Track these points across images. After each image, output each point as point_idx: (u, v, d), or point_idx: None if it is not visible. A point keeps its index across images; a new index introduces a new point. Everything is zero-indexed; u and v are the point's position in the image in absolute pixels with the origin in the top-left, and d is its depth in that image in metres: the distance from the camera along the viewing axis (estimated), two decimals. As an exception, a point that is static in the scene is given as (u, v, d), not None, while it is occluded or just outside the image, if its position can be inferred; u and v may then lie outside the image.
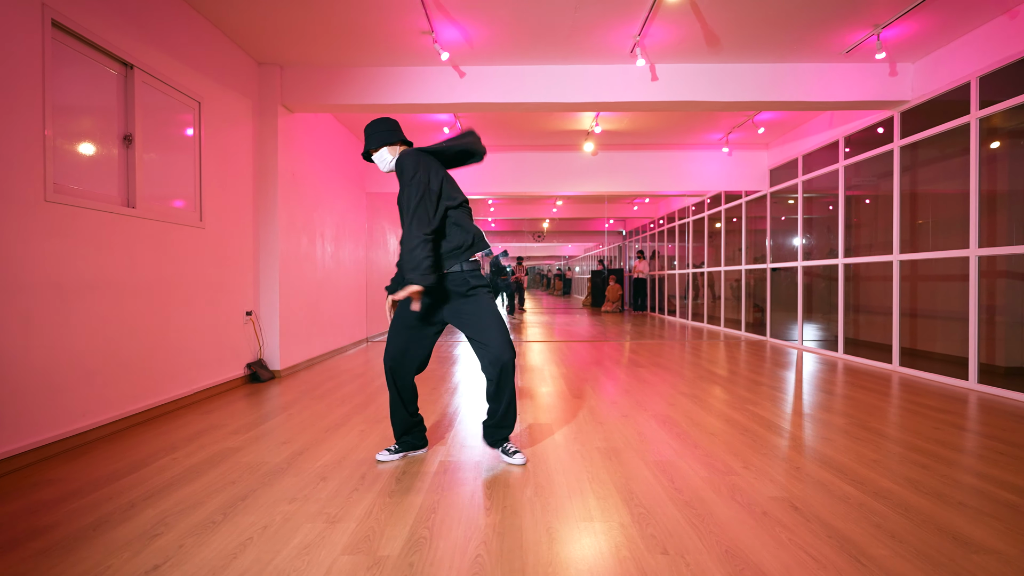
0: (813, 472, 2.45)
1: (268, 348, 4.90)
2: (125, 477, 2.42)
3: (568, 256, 32.73)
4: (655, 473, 2.44)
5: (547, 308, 17.22)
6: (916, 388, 4.36)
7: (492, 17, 4.10)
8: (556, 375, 4.97)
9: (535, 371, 5.19)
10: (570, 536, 1.85)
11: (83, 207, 2.92)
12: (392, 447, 2.68)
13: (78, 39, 2.95)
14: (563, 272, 32.82)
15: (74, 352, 2.86)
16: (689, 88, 4.97)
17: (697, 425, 3.24)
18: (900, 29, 4.35)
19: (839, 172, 6.08)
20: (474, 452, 2.76)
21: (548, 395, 4.12)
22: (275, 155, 4.89)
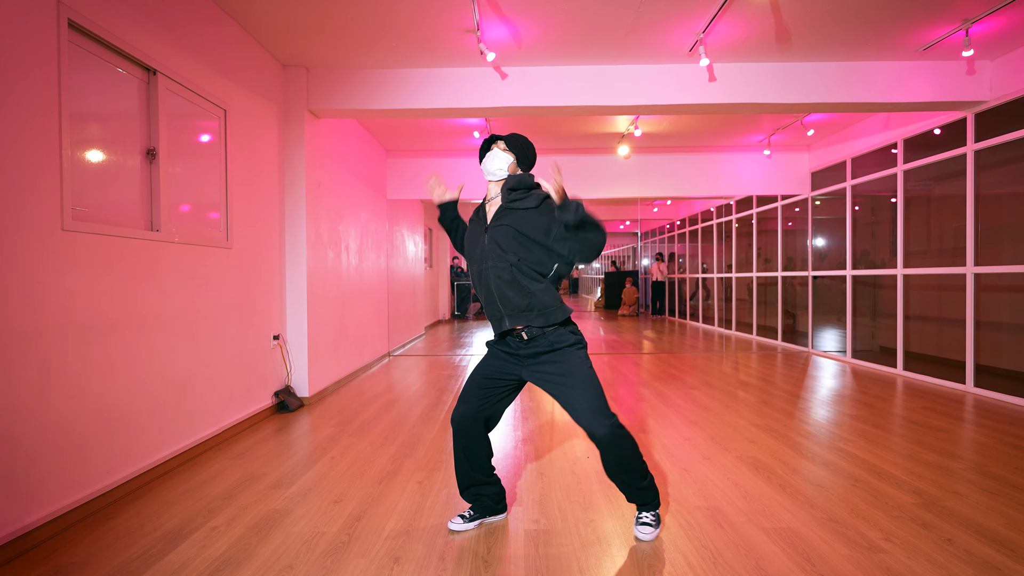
0: (970, 546, 2.08)
1: (296, 373, 4.53)
2: (162, 558, 2.05)
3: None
4: (783, 549, 2.07)
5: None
6: (1002, 415, 3.99)
7: (546, 12, 3.72)
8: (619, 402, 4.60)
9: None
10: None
11: (104, 234, 2.55)
12: (466, 513, 2.31)
13: (97, 41, 2.58)
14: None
15: (96, 401, 2.49)
16: (749, 90, 4.60)
17: (796, 472, 2.88)
18: (986, 24, 3.97)
19: (898, 176, 5.70)
20: (558, 516, 2.39)
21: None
22: (302, 165, 4.52)
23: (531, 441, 3.50)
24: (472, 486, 2.28)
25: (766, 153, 7.32)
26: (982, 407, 4.25)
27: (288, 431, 3.78)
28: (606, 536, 2.20)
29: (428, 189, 2.36)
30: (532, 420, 3.99)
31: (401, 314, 8.19)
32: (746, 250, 9.33)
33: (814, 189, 7.40)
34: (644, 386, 5.20)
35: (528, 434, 3.64)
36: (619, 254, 21.20)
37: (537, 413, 4.18)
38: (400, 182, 7.55)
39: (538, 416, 4.09)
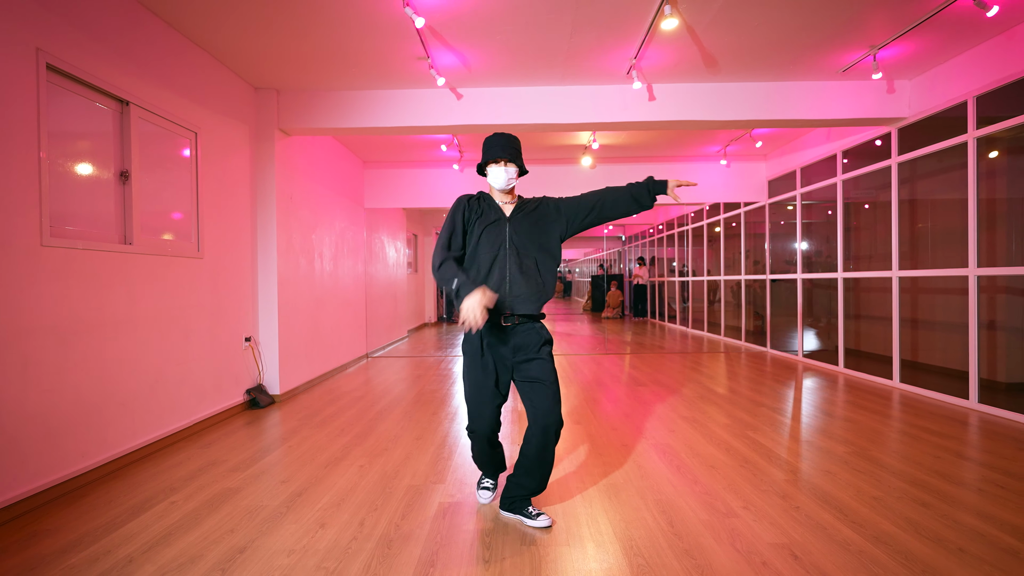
0: (813, 513, 2.44)
1: (268, 372, 4.90)
2: (124, 526, 2.41)
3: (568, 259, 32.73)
4: (655, 515, 2.44)
5: (548, 314, 17.16)
6: (917, 408, 4.35)
7: (488, 44, 4.10)
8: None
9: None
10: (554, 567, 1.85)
11: (80, 248, 2.92)
12: (488, 484, 2.65)
13: (73, 80, 2.95)
14: (563, 275, 32.86)
15: (72, 395, 2.86)
16: (686, 108, 4.97)
17: (697, 456, 3.24)
18: (897, 48, 4.34)
19: (837, 185, 6.08)
20: (474, 492, 2.75)
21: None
22: (272, 179, 4.89)
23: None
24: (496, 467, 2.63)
25: (723, 163, 7.69)
26: (905, 401, 4.60)
27: (256, 425, 4.13)
28: (505, 514, 2.56)
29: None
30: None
31: (381, 317, 8.55)
32: (716, 254, 9.70)
33: (771, 196, 7.77)
34: (596, 384, 5.55)
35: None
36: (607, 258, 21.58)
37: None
38: (378, 191, 7.93)
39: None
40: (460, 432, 3.83)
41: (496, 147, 2.38)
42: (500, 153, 2.36)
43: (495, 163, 2.38)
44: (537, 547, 2.17)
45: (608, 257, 20.86)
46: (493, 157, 2.37)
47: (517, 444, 3.51)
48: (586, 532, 2.29)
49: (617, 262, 19.67)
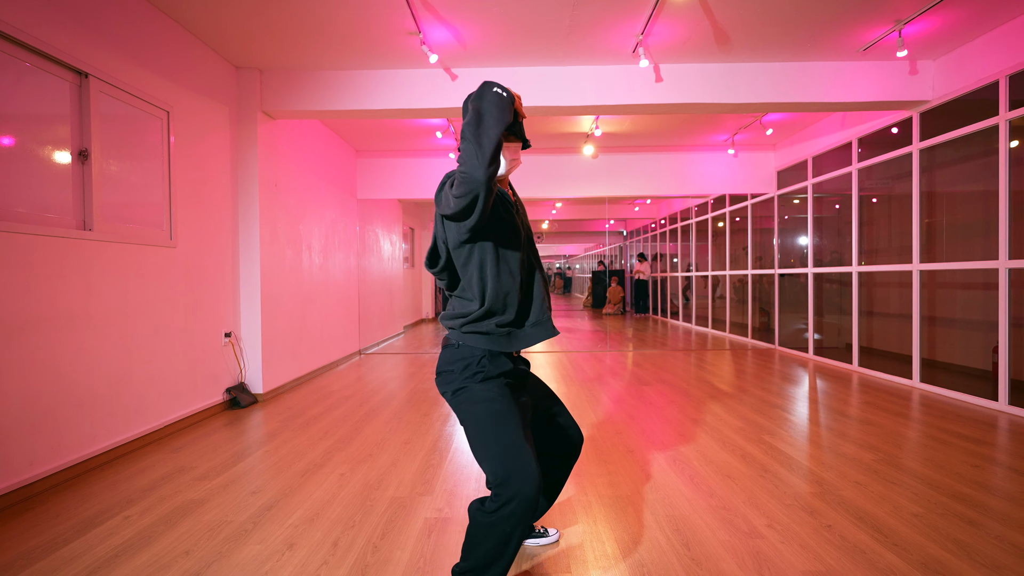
0: (848, 533, 2.15)
1: (250, 370, 4.60)
2: (65, 546, 2.12)
3: (568, 255, 32.45)
4: (668, 535, 2.15)
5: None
6: (940, 410, 4.06)
7: (483, 16, 3.79)
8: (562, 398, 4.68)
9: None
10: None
11: (28, 233, 2.62)
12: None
13: (22, 47, 2.65)
14: (563, 271, 32.56)
15: (18, 396, 2.57)
16: (696, 89, 4.67)
17: (711, 464, 2.95)
18: (922, 25, 4.04)
19: (853, 175, 5.78)
20: (464, 505, 2.47)
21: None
22: (255, 165, 4.59)
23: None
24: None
25: (730, 152, 7.38)
26: (926, 402, 4.32)
27: (235, 426, 3.85)
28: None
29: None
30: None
31: (375, 313, 8.26)
32: (722, 248, 9.41)
33: (780, 188, 7.47)
34: (598, 382, 5.27)
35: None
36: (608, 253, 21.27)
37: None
38: (372, 182, 7.62)
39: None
40: (452, 435, 3.54)
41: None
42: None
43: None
44: (536, 569, 1.88)
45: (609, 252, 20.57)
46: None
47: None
48: (590, 556, 2.00)
49: (618, 257, 19.38)
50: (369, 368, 6.28)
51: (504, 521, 1.46)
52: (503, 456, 1.49)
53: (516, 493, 1.44)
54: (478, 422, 1.57)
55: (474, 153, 1.40)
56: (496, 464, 1.49)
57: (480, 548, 1.53)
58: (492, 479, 1.50)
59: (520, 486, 1.44)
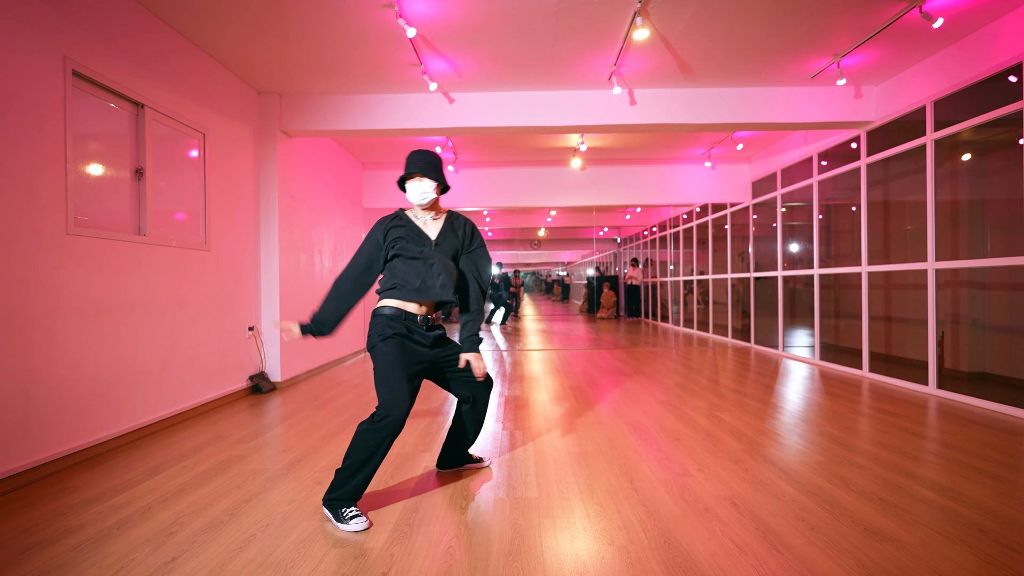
0: (759, 473, 2.72)
1: (269, 361, 5.18)
2: (141, 483, 2.69)
3: (567, 262, 33.03)
4: (618, 476, 2.71)
5: (545, 315, 17.48)
6: (881, 394, 4.62)
7: (476, 51, 4.39)
8: (548, 385, 5.24)
9: (530, 380, 5.47)
10: (530, 529, 2.13)
11: (100, 238, 3.21)
12: (356, 510, 2.24)
13: (94, 84, 3.25)
14: (561, 278, 33.12)
15: (92, 370, 3.14)
16: (666, 111, 5.27)
17: (665, 431, 3.51)
18: (861, 56, 4.64)
19: (813, 186, 6.37)
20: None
21: (537, 403, 4.39)
22: (275, 178, 5.18)
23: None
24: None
25: (707, 165, 7.98)
26: (870, 388, 4.88)
27: (259, 407, 4.41)
28: (484, 472, 2.84)
29: (286, 338, 2.55)
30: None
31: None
32: (706, 254, 9.99)
33: (755, 197, 8.06)
34: (584, 375, 5.83)
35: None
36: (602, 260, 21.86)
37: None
38: (376, 192, 8.23)
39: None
40: (448, 413, 4.11)
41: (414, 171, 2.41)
42: (414, 171, 2.40)
43: (411, 178, 2.44)
44: (509, 497, 2.45)
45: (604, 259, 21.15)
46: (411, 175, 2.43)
47: (514, 430, 3.79)
48: (554, 490, 2.57)
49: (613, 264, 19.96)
50: (374, 363, 6.84)
51: (382, 429, 2.17)
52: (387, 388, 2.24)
53: (390, 413, 2.17)
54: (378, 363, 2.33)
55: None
56: (382, 392, 2.24)
57: (359, 448, 2.19)
58: (379, 400, 2.23)
59: (392, 410, 2.18)
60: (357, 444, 2.20)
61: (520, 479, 2.69)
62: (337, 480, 2.24)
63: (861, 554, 1.90)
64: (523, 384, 5.26)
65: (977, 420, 3.72)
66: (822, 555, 1.90)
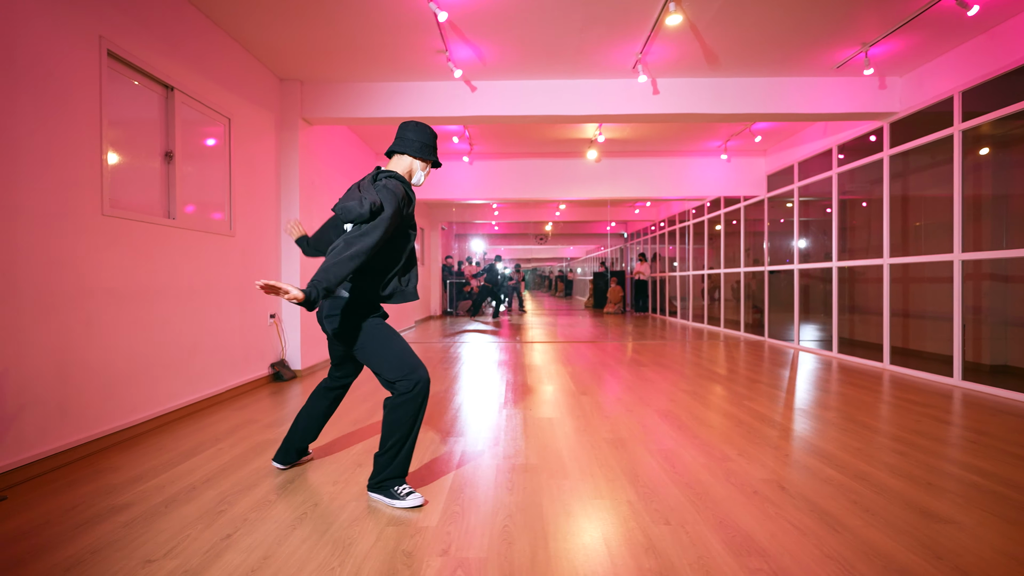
0: (801, 459, 2.71)
1: (289, 349, 5.16)
2: (180, 464, 2.68)
3: (570, 258, 33.00)
4: (658, 460, 2.70)
5: (549, 310, 17.46)
6: (904, 385, 4.61)
7: (503, 38, 4.37)
8: (569, 375, 5.23)
9: (550, 371, 5.46)
10: (584, 510, 2.11)
11: (132, 219, 3.19)
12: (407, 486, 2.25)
13: (128, 66, 3.23)
14: (564, 274, 33.09)
15: (126, 353, 3.12)
16: (688, 101, 5.24)
17: (697, 419, 3.50)
18: (887, 46, 4.61)
19: (833, 179, 6.35)
20: (487, 447, 3.02)
21: (561, 392, 4.38)
22: (296, 166, 5.16)
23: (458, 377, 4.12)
24: None
25: (723, 158, 7.96)
26: (892, 380, 4.87)
27: (281, 394, 4.40)
28: (523, 453, 2.83)
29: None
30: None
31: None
32: (719, 249, 9.97)
33: (770, 190, 8.04)
34: (601, 365, 5.82)
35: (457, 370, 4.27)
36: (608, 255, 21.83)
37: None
38: (389, 183, 8.19)
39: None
40: (472, 401, 4.10)
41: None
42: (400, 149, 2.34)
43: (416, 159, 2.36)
44: (551, 481, 2.44)
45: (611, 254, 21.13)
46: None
47: (526, 410, 3.78)
48: (598, 471, 2.55)
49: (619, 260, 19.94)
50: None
51: (417, 395, 2.15)
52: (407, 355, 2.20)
53: (420, 376, 2.17)
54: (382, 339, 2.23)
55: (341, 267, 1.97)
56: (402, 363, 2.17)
57: (398, 424, 2.15)
58: (399, 374, 2.15)
59: (422, 372, 2.18)
60: (394, 421, 2.16)
61: (557, 463, 2.68)
62: (380, 463, 2.21)
63: (921, 534, 1.89)
64: (544, 374, 5.25)
65: (1006, 410, 3.71)
66: (882, 535, 1.89)
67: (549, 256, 33.93)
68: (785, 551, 1.78)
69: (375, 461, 2.23)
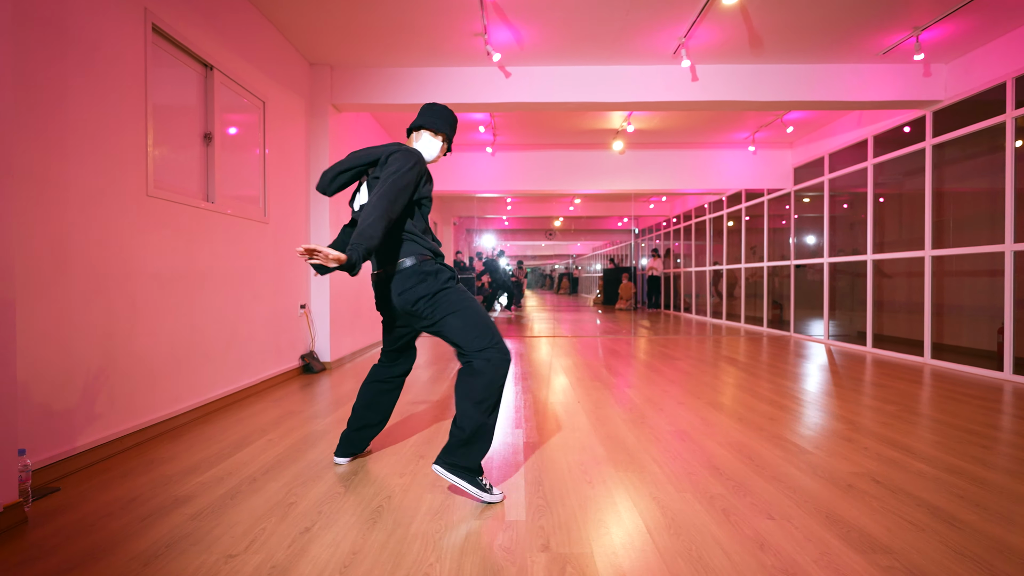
0: (880, 451, 2.59)
1: (319, 340, 5.04)
2: (233, 455, 2.56)
3: (576, 255, 32.86)
4: (733, 453, 2.58)
5: (558, 307, 17.34)
6: (953, 379, 4.49)
7: (546, 19, 4.24)
8: (607, 368, 5.11)
9: (576, 363, 5.34)
10: (683, 506, 1.99)
11: (176, 202, 3.06)
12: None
13: (171, 42, 3.10)
14: (570, 271, 32.98)
15: (168, 340, 3.00)
16: (728, 88, 5.11)
17: (754, 412, 3.38)
18: (937, 31, 4.48)
19: (868, 170, 6.22)
20: (547, 434, 2.90)
21: (605, 386, 4.26)
22: (326, 153, 5.03)
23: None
24: None
25: (751, 149, 7.83)
26: (936, 374, 4.75)
27: (314, 386, 4.28)
28: (592, 445, 2.71)
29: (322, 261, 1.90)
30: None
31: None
32: (737, 245, 9.84)
33: (797, 183, 7.91)
34: (634, 359, 5.71)
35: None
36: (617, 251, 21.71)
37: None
38: (409, 174, 8.06)
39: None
40: (526, 396, 3.98)
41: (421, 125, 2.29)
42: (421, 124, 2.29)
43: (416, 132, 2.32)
44: (632, 475, 2.32)
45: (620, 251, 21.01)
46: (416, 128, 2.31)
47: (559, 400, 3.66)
48: (673, 463, 2.43)
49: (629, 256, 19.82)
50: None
51: (505, 362, 2.07)
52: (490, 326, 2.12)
53: (500, 340, 2.10)
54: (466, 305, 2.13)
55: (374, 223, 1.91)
56: (488, 328, 2.10)
57: (494, 385, 2.05)
58: (488, 340, 2.07)
59: (501, 339, 2.10)
60: (482, 387, 2.02)
61: (625, 455, 2.56)
62: (459, 440, 2.01)
63: (1048, 531, 1.78)
64: (579, 368, 5.13)
65: (1071, 404, 3.60)
66: (1006, 531, 1.77)
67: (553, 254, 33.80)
68: (911, 547, 1.66)
69: (466, 443, 2.02)
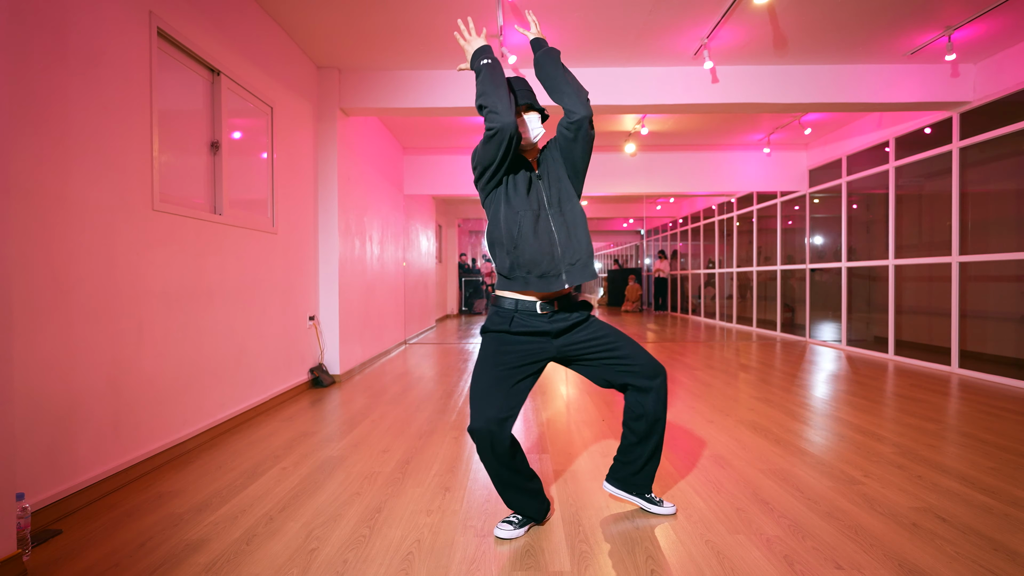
0: (938, 481, 2.43)
1: (328, 352, 4.89)
2: (245, 488, 2.41)
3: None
4: (777, 483, 2.43)
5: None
6: (988, 392, 4.33)
7: (565, 20, 4.08)
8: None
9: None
10: (731, 550, 1.84)
11: (182, 215, 2.91)
12: (514, 519, 1.98)
13: (177, 47, 2.94)
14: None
15: (175, 361, 2.85)
16: (749, 90, 4.95)
17: (790, 432, 3.23)
18: (967, 31, 4.32)
19: (890, 172, 6.05)
20: (574, 458, 2.75)
21: (617, 397, 4.10)
22: (334, 159, 4.87)
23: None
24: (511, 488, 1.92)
25: (766, 151, 7.67)
26: (965, 384, 4.59)
27: (325, 402, 4.13)
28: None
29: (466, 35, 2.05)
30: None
31: (416, 305, 8.54)
32: (747, 247, 9.68)
33: (812, 186, 7.75)
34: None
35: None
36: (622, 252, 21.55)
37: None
38: (415, 178, 7.91)
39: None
40: (545, 413, 3.82)
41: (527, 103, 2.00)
42: (526, 103, 1.99)
43: (520, 115, 1.99)
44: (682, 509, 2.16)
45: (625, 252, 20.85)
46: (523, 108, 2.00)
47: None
48: (717, 496, 2.28)
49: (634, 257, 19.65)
50: (421, 356, 6.56)
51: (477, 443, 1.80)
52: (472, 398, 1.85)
53: (472, 426, 1.78)
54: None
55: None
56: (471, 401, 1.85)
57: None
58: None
59: (475, 422, 1.77)
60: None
61: (661, 484, 2.40)
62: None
63: None
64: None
65: (1119, 421, 3.44)
66: (1102, 584, 1.61)
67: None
68: (1003, 606, 1.51)
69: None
